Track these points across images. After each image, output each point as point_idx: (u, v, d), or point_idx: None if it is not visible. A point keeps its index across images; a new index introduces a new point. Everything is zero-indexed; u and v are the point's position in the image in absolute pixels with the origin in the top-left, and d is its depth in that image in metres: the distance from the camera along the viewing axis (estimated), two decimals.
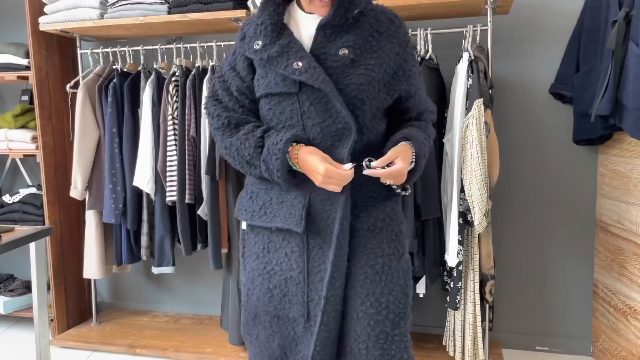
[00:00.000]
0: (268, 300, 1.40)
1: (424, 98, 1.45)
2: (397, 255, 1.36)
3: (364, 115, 1.30)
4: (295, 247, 1.34)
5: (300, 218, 1.31)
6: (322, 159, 1.23)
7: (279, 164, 1.25)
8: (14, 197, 2.98)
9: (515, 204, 2.69)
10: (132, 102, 2.67)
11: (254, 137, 1.30)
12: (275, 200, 1.37)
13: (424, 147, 1.35)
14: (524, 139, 2.65)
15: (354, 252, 1.34)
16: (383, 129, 1.39)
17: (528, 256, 2.70)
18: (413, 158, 1.31)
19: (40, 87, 2.84)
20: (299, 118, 1.30)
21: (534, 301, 2.71)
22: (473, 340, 2.38)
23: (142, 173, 2.61)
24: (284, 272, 1.36)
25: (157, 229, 2.65)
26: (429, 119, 1.47)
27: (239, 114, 1.38)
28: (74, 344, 2.83)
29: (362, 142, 1.33)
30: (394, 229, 1.38)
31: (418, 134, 1.34)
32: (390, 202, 1.40)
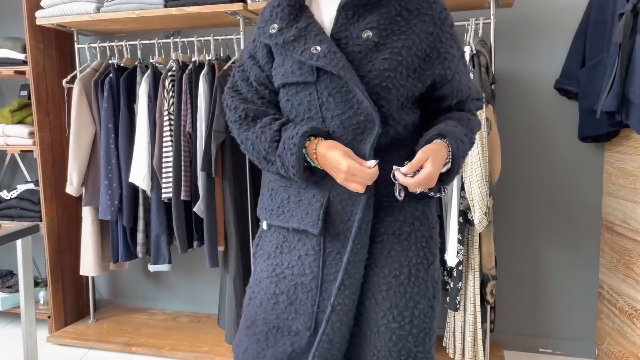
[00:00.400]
0: (271, 306, 1.27)
1: (466, 84, 1.26)
2: (426, 264, 1.22)
3: (390, 105, 1.16)
4: (311, 250, 1.22)
5: (317, 218, 1.19)
6: (344, 154, 1.11)
7: (294, 160, 1.13)
8: (11, 192, 2.96)
9: (518, 202, 2.62)
10: (128, 97, 2.63)
11: (271, 130, 1.19)
12: (293, 198, 1.26)
13: (463, 144, 1.18)
14: (527, 136, 2.58)
15: (376, 260, 1.21)
16: (414, 120, 1.24)
17: (531, 256, 2.64)
18: (449, 158, 1.15)
19: (37, 81, 2.81)
20: (317, 109, 1.18)
21: (537, 302, 2.65)
22: (473, 342, 2.32)
23: (137, 169, 2.57)
24: (294, 277, 1.24)
25: (153, 226, 2.62)
26: (473, 108, 1.30)
27: (257, 106, 1.28)
28: (70, 341, 2.80)
29: (387, 135, 1.19)
30: (424, 235, 1.23)
31: (456, 129, 1.18)
32: (420, 204, 1.25)
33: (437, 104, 1.26)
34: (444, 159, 1.14)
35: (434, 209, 1.30)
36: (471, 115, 1.27)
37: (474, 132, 1.26)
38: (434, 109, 1.27)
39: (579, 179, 2.55)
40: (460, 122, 1.22)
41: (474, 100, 1.29)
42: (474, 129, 1.26)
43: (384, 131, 1.18)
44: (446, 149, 1.14)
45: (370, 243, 1.21)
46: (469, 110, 1.28)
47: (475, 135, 1.28)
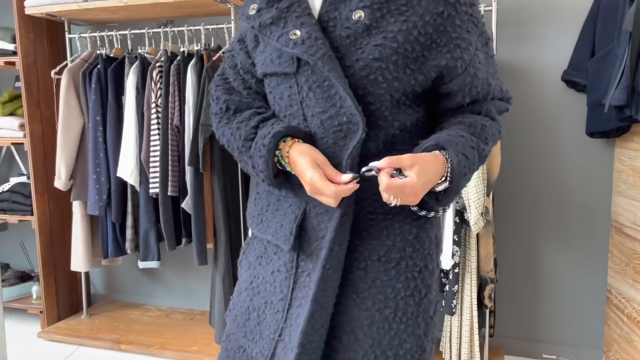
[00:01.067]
0: (243, 323, 1.13)
1: (484, 80, 1.02)
2: (418, 297, 1.03)
3: (381, 102, 0.96)
4: (283, 266, 1.07)
5: (289, 233, 1.05)
6: (312, 163, 0.93)
7: (263, 163, 0.98)
8: (3, 186, 2.91)
9: (522, 202, 2.49)
10: (116, 89, 2.55)
11: (247, 126, 1.04)
12: (272, 206, 1.11)
13: (467, 160, 0.94)
14: (532, 131, 2.43)
15: (358, 289, 1.02)
16: (415, 120, 1.03)
17: (535, 258, 2.50)
18: (447, 174, 0.93)
19: (28, 72, 2.75)
20: (299, 106, 1.01)
21: (540, 306, 2.52)
22: (470, 347, 2.20)
23: (125, 163, 2.50)
24: (267, 293, 1.10)
25: (142, 222, 2.54)
26: (493, 110, 1.05)
27: (241, 97, 1.11)
28: (60, 337, 2.76)
29: (378, 138, 0.99)
30: (417, 263, 1.03)
31: (461, 140, 0.95)
32: (415, 227, 1.04)
33: (445, 101, 1.04)
34: (438, 174, 0.92)
35: (432, 233, 1.07)
36: (489, 120, 1.03)
37: (489, 143, 1.02)
38: (442, 108, 1.06)
39: (587, 177, 2.40)
40: (470, 130, 0.99)
41: (495, 101, 1.06)
42: (488, 138, 1.01)
43: (374, 134, 0.98)
44: (443, 163, 0.93)
45: (352, 268, 1.03)
46: (488, 113, 1.04)
47: (491, 146, 1.03)
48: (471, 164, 0.95)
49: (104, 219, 2.66)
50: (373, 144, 1.00)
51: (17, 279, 3.06)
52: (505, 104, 1.09)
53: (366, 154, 0.99)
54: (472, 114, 1.04)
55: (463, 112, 1.04)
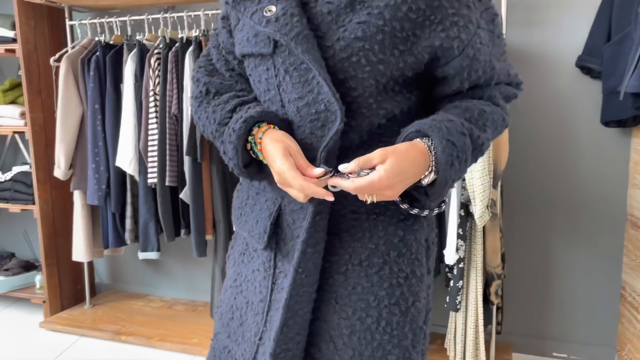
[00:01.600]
0: (227, 322, 1.08)
1: (487, 62, 0.90)
2: (404, 306, 0.93)
3: (364, 87, 0.86)
4: (261, 266, 1.00)
5: (263, 231, 0.97)
6: (283, 150, 0.84)
7: (232, 149, 0.90)
8: (5, 174, 2.89)
9: (532, 193, 2.38)
10: (114, 77, 2.50)
11: (224, 110, 0.95)
12: (250, 200, 1.04)
13: (455, 147, 0.83)
14: (543, 120, 2.32)
15: (338, 294, 0.94)
16: (405, 107, 0.93)
17: (546, 252, 2.40)
18: (431, 164, 0.83)
19: (28, 60, 2.71)
20: (276, 91, 0.91)
21: (551, 303, 2.42)
22: (475, 345, 2.12)
23: (124, 153, 2.45)
24: (248, 292, 1.03)
25: (141, 213, 2.50)
26: (497, 96, 0.94)
27: (223, 80, 1.03)
28: (62, 327, 2.74)
29: (361, 129, 0.89)
30: (402, 269, 0.94)
31: (450, 125, 0.84)
32: (401, 228, 0.94)
33: (441, 87, 0.93)
34: (419, 165, 0.82)
35: (422, 235, 0.97)
36: (489, 105, 0.91)
37: (489, 130, 0.89)
38: (438, 94, 0.94)
39: (602, 169, 2.28)
40: (465, 115, 0.88)
41: (501, 86, 0.94)
42: (487, 125, 0.89)
43: (356, 124, 0.89)
44: (425, 152, 0.83)
45: (332, 272, 0.95)
46: (491, 98, 0.93)
47: (492, 134, 0.91)
48: (461, 151, 0.83)
49: (104, 208, 2.63)
50: (355, 135, 0.90)
51: (21, 268, 3.05)
52: (514, 90, 0.98)
53: (348, 146, 0.90)
54: (469, 100, 0.93)
55: (462, 98, 0.93)
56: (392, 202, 0.93)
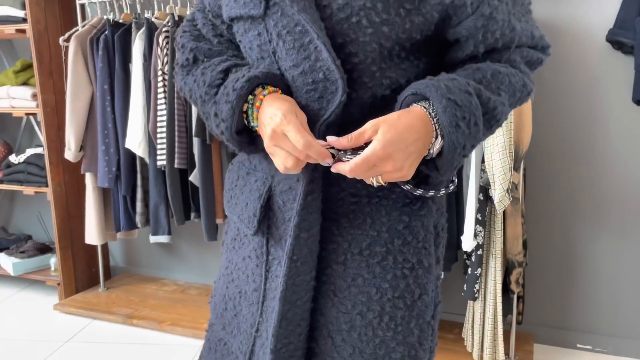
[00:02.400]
0: (221, 313, 0.99)
1: (506, 23, 0.80)
2: (409, 299, 0.84)
3: (366, 53, 0.77)
4: (253, 252, 0.91)
5: (253, 214, 0.89)
6: (289, 108, 0.74)
7: (228, 110, 0.78)
8: (19, 157, 2.88)
9: (556, 176, 2.25)
10: (123, 56, 2.44)
11: (214, 71, 0.84)
12: (240, 180, 0.94)
13: (460, 106, 0.73)
14: (570, 98, 2.18)
15: (337, 286, 0.86)
16: (415, 76, 0.82)
17: (571, 239, 2.27)
18: (435, 127, 0.74)
19: (39, 40, 2.67)
20: (272, 58, 0.81)
21: (576, 292, 2.30)
22: (493, 335, 2.03)
23: (133, 134, 2.40)
24: (240, 281, 0.95)
25: (152, 196, 2.45)
26: (518, 60, 0.83)
27: (211, 46, 0.91)
28: (75, 310, 2.73)
29: (363, 101, 0.80)
30: (408, 259, 0.84)
31: (450, 83, 0.74)
32: (406, 213, 0.85)
33: (454, 52, 0.82)
34: (421, 132, 0.73)
35: (430, 221, 0.87)
36: (506, 67, 0.81)
37: (504, 94, 0.79)
38: (450, 60, 0.84)
39: (632, 150, 2.14)
40: (474, 75, 0.78)
41: (523, 49, 0.83)
42: (502, 88, 0.78)
43: (357, 96, 0.79)
44: (424, 116, 0.73)
45: (329, 262, 0.86)
46: (510, 62, 0.82)
47: (509, 100, 0.80)
48: (467, 112, 0.73)
49: (115, 191, 2.59)
50: (356, 109, 0.80)
51: (36, 250, 3.05)
52: (539, 54, 0.86)
53: (348, 122, 0.80)
54: (485, 63, 0.81)
55: (477, 61, 0.82)
56: (397, 185, 0.84)
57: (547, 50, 0.88)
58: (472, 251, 1.98)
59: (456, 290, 2.38)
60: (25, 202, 3.38)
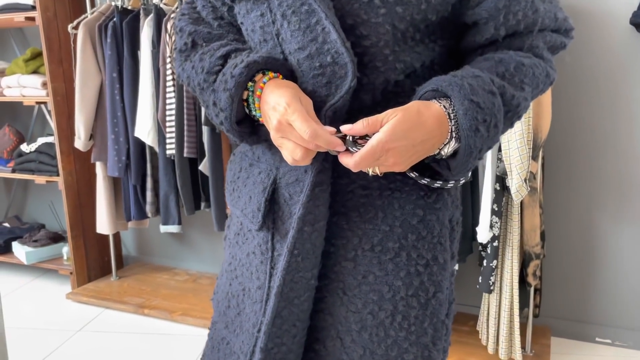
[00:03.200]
0: (224, 311, 0.96)
1: (528, 3, 0.75)
2: (423, 297, 0.80)
3: (378, 35, 0.72)
4: (257, 248, 0.87)
5: (257, 208, 0.84)
6: (293, 94, 0.70)
7: (226, 98, 0.73)
8: (30, 146, 2.87)
9: (576, 166, 2.17)
10: (132, 43, 2.40)
11: (213, 56, 0.78)
12: (243, 172, 0.89)
13: (482, 108, 0.68)
14: (592, 84, 2.10)
15: (347, 284, 0.81)
16: (430, 61, 0.78)
17: (590, 229, 2.20)
18: (451, 129, 0.70)
19: (48, 28, 2.64)
20: (275, 41, 0.76)
21: (596, 284, 2.23)
22: (509, 329, 1.97)
23: (142, 123, 2.37)
24: (244, 278, 0.90)
25: (162, 185, 2.43)
26: (541, 45, 0.77)
27: (210, 30, 0.86)
28: (87, 299, 2.73)
29: (375, 87, 0.75)
30: (423, 255, 0.80)
31: (474, 81, 0.70)
32: (420, 207, 0.80)
33: (472, 35, 0.78)
34: (434, 131, 0.68)
35: (445, 214, 0.82)
36: (529, 57, 0.76)
37: (528, 87, 0.74)
38: (469, 44, 0.79)
39: None
40: (497, 69, 0.73)
41: (546, 33, 0.78)
42: (526, 82, 0.74)
43: (368, 81, 0.74)
44: (442, 115, 0.69)
45: (339, 258, 0.81)
46: (532, 49, 0.77)
47: (532, 93, 0.76)
48: (488, 114, 0.69)
49: (126, 180, 2.57)
50: (367, 95, 0.75)
51: (49, 239, 3.05)
52: (562, 38, 0.81)
53: (358, 109, 0.75)
54: (505, 51, 0.77)
55: (497, 49, 0.78)
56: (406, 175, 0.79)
57: (570, 34, 0.83)
58: (487, 243, 1.93)
59: (471, 281, 2.33)
60: (38, 191, 3.38)
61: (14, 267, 3.19)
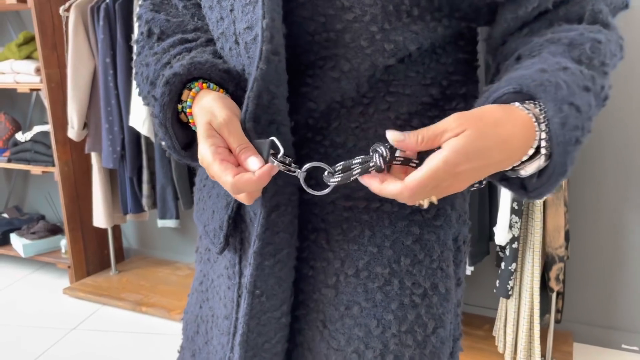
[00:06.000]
0: (192, 336, 0.83)
1: None
2: (421, 334, 0.64)
3: (363, 7, 0.56)
4: (224, 271, 0.72)
5: (219, 225, 0.69)
6: (205, 129, 0.55)
7: (159, 125, 0.61)
8: (25, 134, 2.75)
9: (604, 161, 1.99)
10: (125, 27, 2.26)
11: (159, 63, 0.64)
12: (209, 183, 0.74)
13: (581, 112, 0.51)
14: (623, 73, 1.91)
15: (326, 316, 0.66)
16: (431, 43, 0.61)
17: (620, 231, 2.02)
18: (539, 142, 0.51)
19: (40, 11, 2.50)
20: (230, 22, 0.61)
21: (623, 288, 2.06)
22: (528, 337, 1.82)
23: (137, 111, 2.23)
24: (214, 302, 0.76)
25: (158, 178, 2.30)
26: (604, 10, 0.59)
27: (170, 17, 0.72)
28: (84, 295, 2.62)
29: (358, 74, 0.59)
30: (419, 283, 0.64)
31: (566, 76, 0.51)
32: (416, 223, 0.64)
33: (508, 12, 0.60)
34: (514, 148, 0.51)
35: (448, 233, 0.66)
36: (600, 30, 0.57)
37: (609, 69, 0.57)
38: (506, 23, 0.60)
39: None
40: (575, 54, 0.54)
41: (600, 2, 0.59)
42: (607, 63, 0.56)
43: (351, 66, 0.59)
44: (530, 126, 0.51)
45: (317, 284, 0.66)
46: (596, 16, 0.58)
47: (611, 68, 0.57)
48: (587, 119, 0.51)
49: (122, 172, 2.44)
50: (350, 83, 0.59)
51: (47, 231, 2.95)
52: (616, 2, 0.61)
53: (340, 102, 0.60)
54: (566, 23, 0.58)
55: (552, 24, 0.59)
56: None
57: None
58: (506, 244, 1.76)
59: (487, 281, 2.17)
60: (37, 181, 3.28)
61: (11, 260, 3.10)
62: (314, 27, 0.58)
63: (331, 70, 0.59)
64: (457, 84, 0.64)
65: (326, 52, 0.58)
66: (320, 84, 0.59)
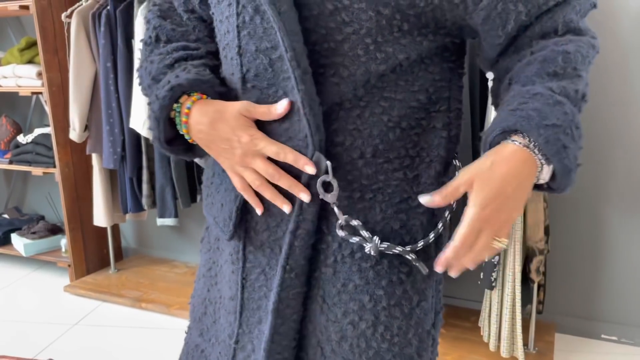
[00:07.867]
0: (199, 317, 0.92)
1: None
2: (407, 306, 0.75)
3: (360, 22, 0.66)
4: (229, 257, 0.83)
5: (228, 216, 0.79)
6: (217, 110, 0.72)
7: (153, 120, 0.74)
8: (27, 137, 2.83)
9: (585, 157, 2.10)
10: (126, 32, 2.34)
11: (162, 62, 0.77)
12: (217, 177, 0.85)
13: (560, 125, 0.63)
14: (601, 73, 2.02)
15: (325, 292, 0.76)
16: (416, 54, 0.70)
17: (599, 225, 2.13)
18: (538, 160, 0.64)
19: (42, 17, 2.59)
20: (235, 35, 0.72)
21: (602, 280, 2.17)
22: (511, 326, 1.92)
23: (137, 113, 2.31)
24: (222, 285, 0.87)
25: (157, 177, 2.38)
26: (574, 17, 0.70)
27: (176, 25, 0.83)
28: (85, 292, 2.70)
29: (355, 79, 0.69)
30: (405, 262, 0.76)
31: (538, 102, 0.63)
32: (403, 209, 0.75)
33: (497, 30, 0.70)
34: (520, 171, 0.63)
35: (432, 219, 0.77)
36: (569, 41, 0.68)
37: (582, 72, 0.67)
38: (495, 52, 0.74)
39: None
40: (544, 69, 0.66)
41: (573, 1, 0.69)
42: (579, 68, 0.66)
43: (349, 73, 0.69)
44: (526, 155, 0.63)
45: (318, 264, 0.77)
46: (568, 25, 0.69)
47: (586, 75, 0.68)
48: (567, 126, 0.63)
49: (122, 172, 2.52)
50: (349, 87, 0.69)
51: (47, 231, 3.02)
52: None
53: (339, 103, 0.70)
54: (542, 38, 0.69)
55: (531, 40, 0.70)
56: (393, 178, 0.74)
57: None
58: None
59: (473, 276, 2.27)
60: (37, 182, 3.36)
61: (12, 259, 3.18)
62: (315, 38, 0.68)
63: (332, 76, 0.69)
64: (442, 89, 0.75)
65: (326, 60, 0.69)
66: (321, 88, 0.69)
